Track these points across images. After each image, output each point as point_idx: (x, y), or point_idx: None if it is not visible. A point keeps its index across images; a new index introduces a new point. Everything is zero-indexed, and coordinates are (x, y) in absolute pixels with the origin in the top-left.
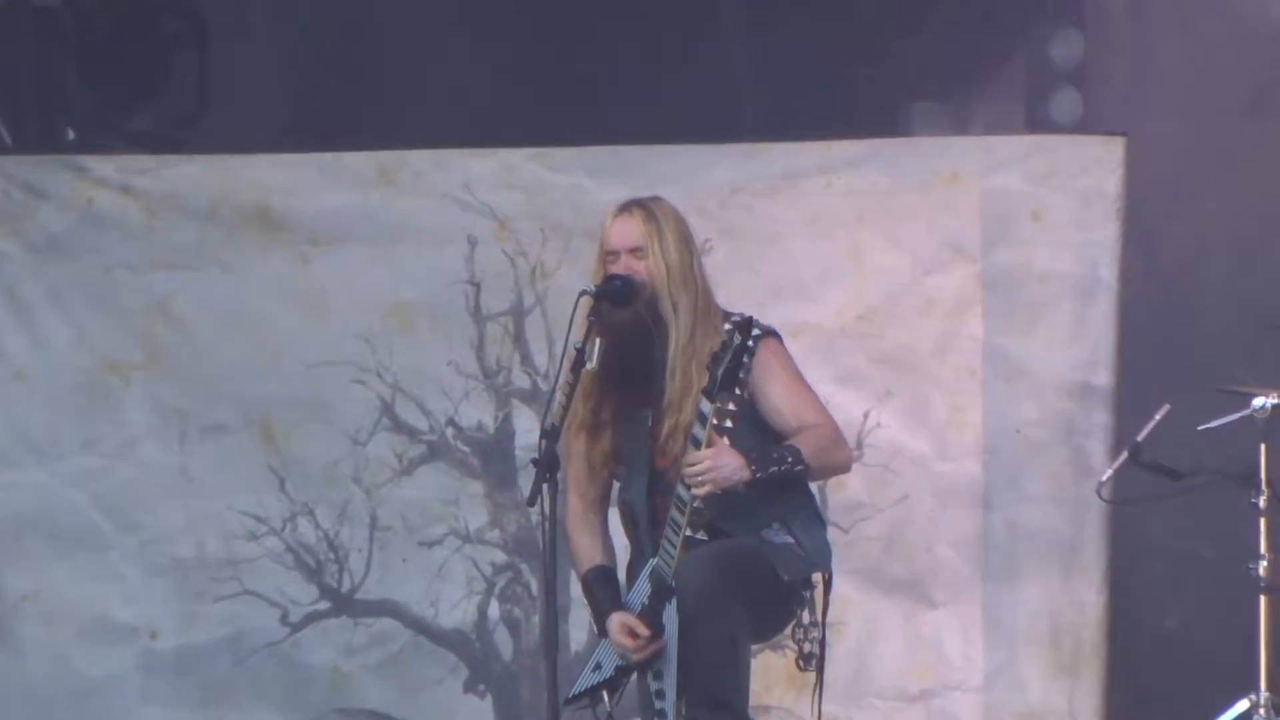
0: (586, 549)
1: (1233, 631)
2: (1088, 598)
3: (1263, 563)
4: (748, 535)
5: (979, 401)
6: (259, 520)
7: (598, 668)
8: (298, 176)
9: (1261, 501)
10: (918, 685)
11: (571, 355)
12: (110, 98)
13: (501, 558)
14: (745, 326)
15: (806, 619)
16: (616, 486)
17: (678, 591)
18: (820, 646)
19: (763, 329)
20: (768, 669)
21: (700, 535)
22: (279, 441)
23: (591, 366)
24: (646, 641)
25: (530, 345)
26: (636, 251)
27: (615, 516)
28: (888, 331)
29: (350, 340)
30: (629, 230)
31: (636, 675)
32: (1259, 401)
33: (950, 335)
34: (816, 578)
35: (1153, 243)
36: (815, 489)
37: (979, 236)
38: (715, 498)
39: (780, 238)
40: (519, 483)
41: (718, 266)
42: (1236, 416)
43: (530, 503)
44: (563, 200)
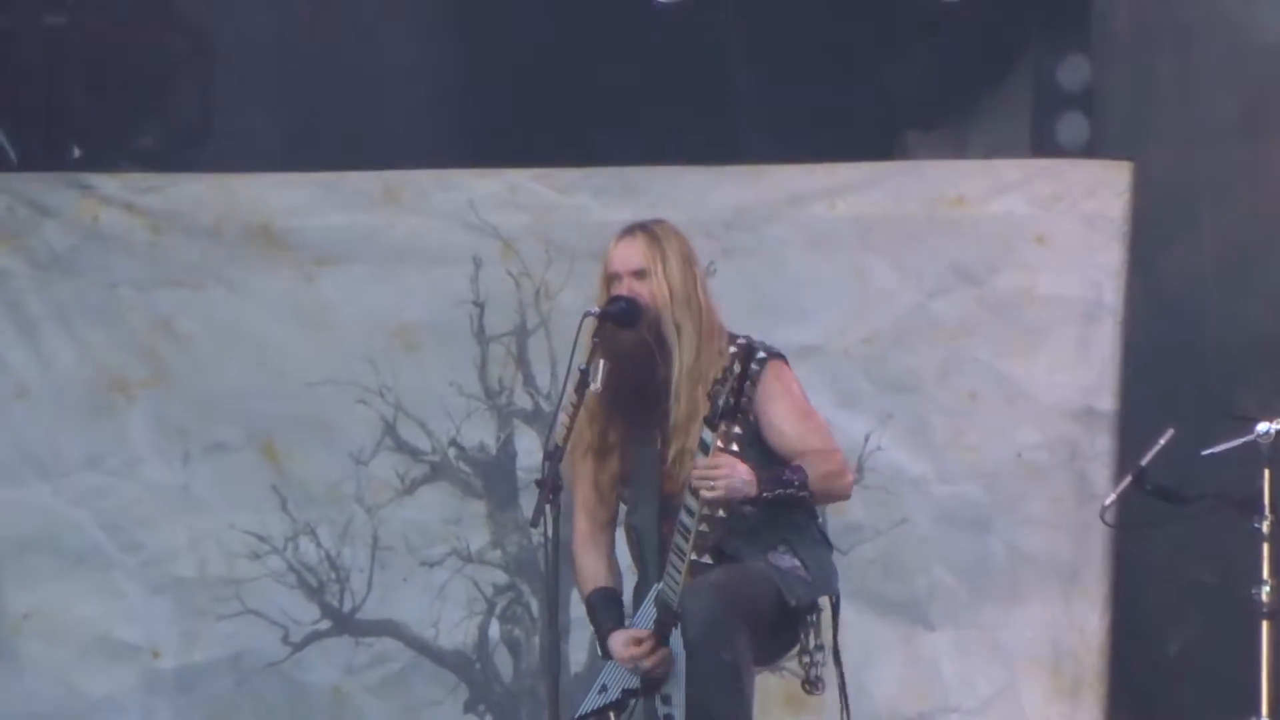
0: (592, 570)
1: (1235, 657)
2: (1089, 622)
3: (1265, 588)
4: (753, 559)
5: (980, 425)
6: (261, 539)
7: (603, 690)
8: (302, 196)
9: (1265, 527)
10: (915, 708)
11: (576, 376)
12: (116, 116)
13: (503, 578)
14: (746, 355)
15: (811, 643)
16: (623, 510)
17: (683, 619)
18: (838, 668)
19: (769, 351)
20: (764, 690)
21: (706, 559)
22: (281, 461)
23: (595, 388)
24: (651, 648)
25: (533, 366)
26: (639, 274)
27: (622, 539)
28: (890, 354)
29: (353, 360)
30: (631, 253)
31: (644, 699)
32: (1263, 427)
33: (953, 358)
34: (823, 601)
35: (1157, 267)
36: (817, 510)
37: (983, 260)
38: (719, 523)
39: (784, 260)
40: (520, 503)
41: (721, 288)
42: (1240, 442)
43: (533, 524)
44: (568, 221)
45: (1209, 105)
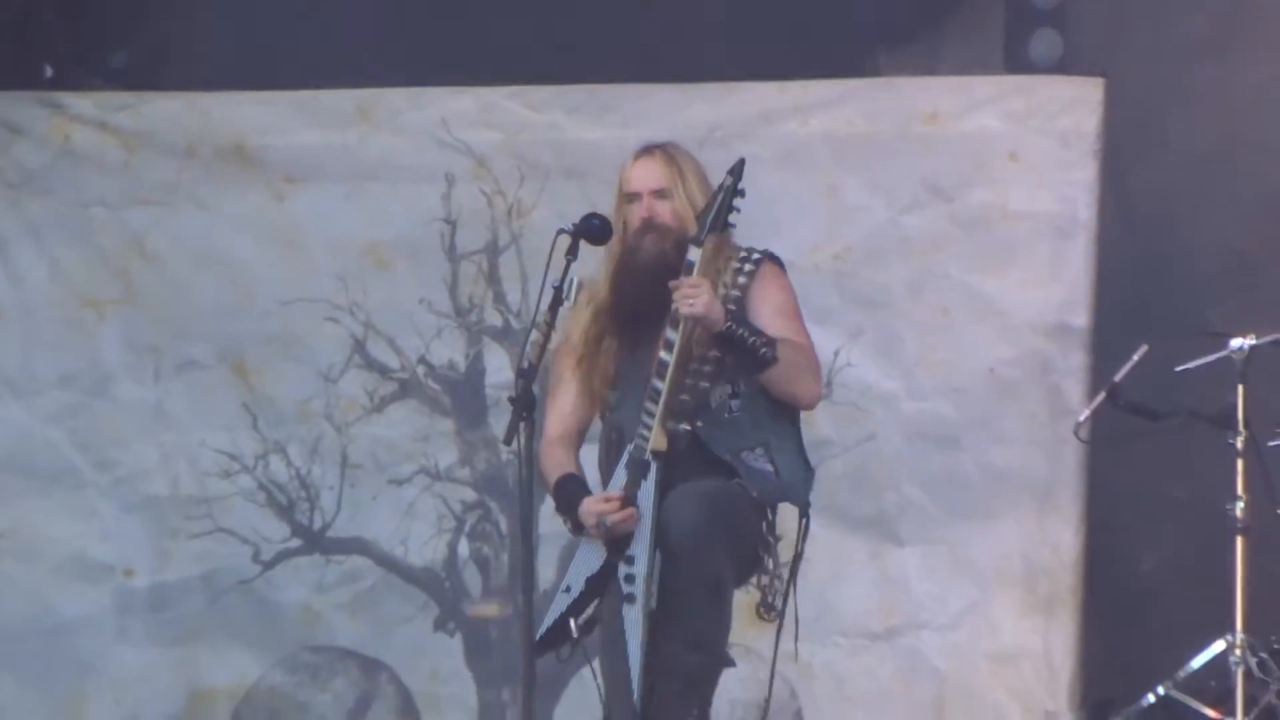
0: (559, 462)
1: (1209, 573)
2: (1064, 538)
3: (1239, 504)
4: (727, 449)
5: (951, 341)
6: (232, 458)
7: (567, 589)
8: (275, 114)
9: (1238, 443)
10: (883, 624)
11: (550, 294)
12: (88, 35)
13: (471, 495)
14: (738, 167)
15: (771, 566)
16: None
17: (665, 527)
18: (792, 584)
19: (767, 255)
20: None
21: (684, 426)
22: (251, 378)
23: (569, 305)
24: (619, 504)
25: (504, 284)
26: (660, 193)
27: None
28: (861, 270)
29: (324, 278)
30: (651, 172)
31: (606, 572)
32: (1236, 343)
33: (924, 274)
34: (787, 528)
35: (1129, 183)
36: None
37: (955, 176)
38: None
39: (756, 177)
40: (490, 421)
41: None
42: (1214, 358)
43: (506, 441)
44: (540, 139)
45: (1181, 21)
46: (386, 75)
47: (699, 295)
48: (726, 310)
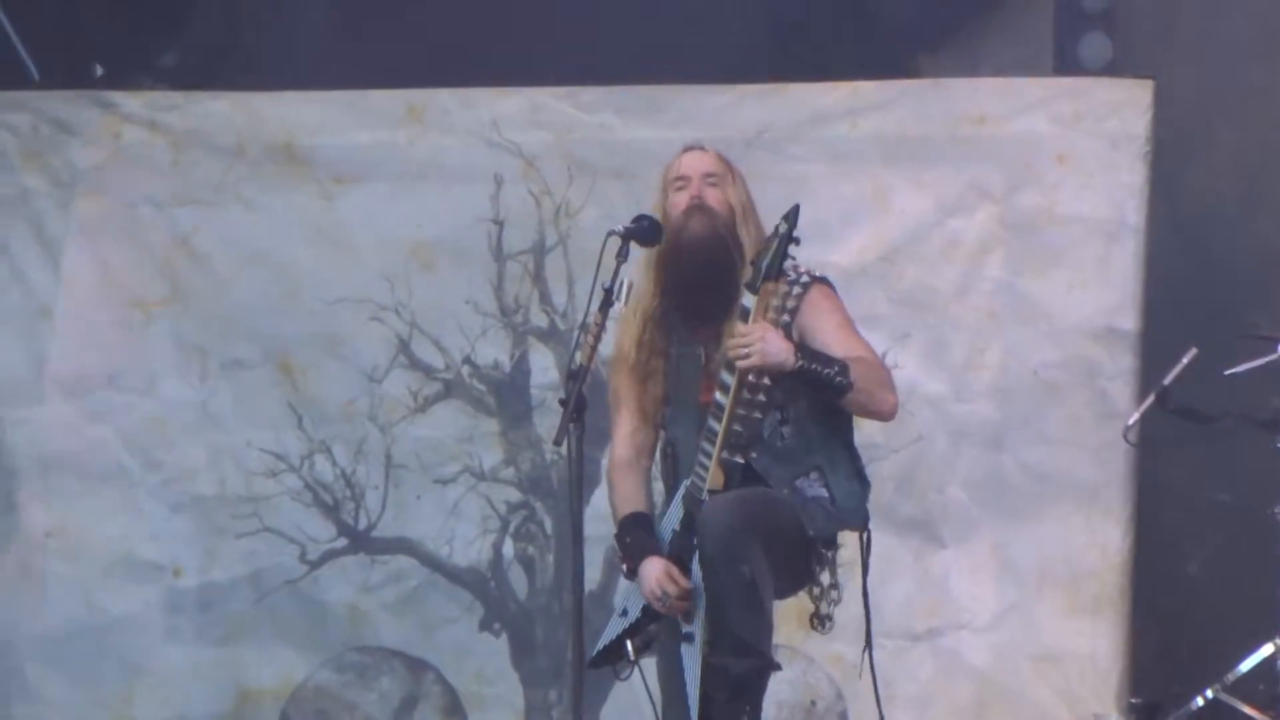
0: (629, 494)
1: (1257, 575)
2: (1112, 540)
3: None
4: (783, 481)
5: (998, 344)
6: (278, 458)
7: (624, 613)
8: (325, 114)
9: None
10: (924, 624)
11: (600, 295)
12: (139, 34)
13: (516, 496)
14: (793, 214)
15: (826, 580)
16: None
17: (698, 532)
18: (865, 608)
19: (816, 276)
20: (777, 607)
21: (738, 459)
22: (297, 378)
23: (620, 306)
24: (685, 593)
25: (550, 284)
26: (710, 177)
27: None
28: (908, 272)
29: (370, 278)
30: (703, 160)
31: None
32: None
33: (971, 277)
34: (848, 538)
35: (1178, 186)
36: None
37: (1003, 179)
38: (754, 423)
39: (805, 179)
40: (534, 421)
41: None
42: (1263, 362)
43: (556, 442)
44: (590, 139)
45: (1230, 24)
46: (437, 76)
47: (753, 344)
48: (794, 345)
